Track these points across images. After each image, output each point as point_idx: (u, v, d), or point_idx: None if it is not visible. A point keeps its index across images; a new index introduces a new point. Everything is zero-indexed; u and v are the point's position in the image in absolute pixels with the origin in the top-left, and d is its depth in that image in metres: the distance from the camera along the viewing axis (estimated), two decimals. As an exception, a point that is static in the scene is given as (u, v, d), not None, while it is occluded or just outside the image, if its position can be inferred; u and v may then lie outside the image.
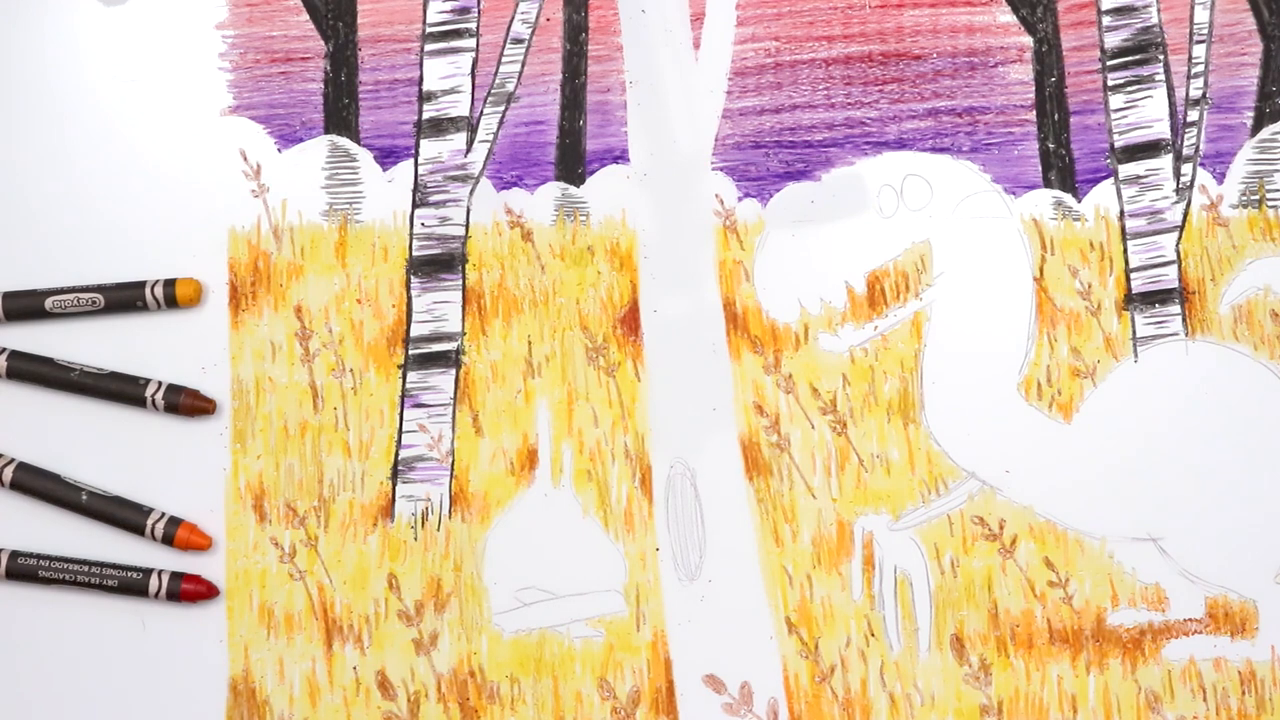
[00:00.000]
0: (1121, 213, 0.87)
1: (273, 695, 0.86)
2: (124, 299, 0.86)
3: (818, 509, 0.86)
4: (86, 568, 0.85)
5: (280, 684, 0.86)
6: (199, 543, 0.85)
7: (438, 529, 0.86)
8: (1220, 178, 0.87)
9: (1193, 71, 0.87)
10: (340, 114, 0.88)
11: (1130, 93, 0.87)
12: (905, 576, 0.86)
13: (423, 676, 0.86)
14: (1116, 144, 0.87)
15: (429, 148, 0.88)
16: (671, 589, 0.86)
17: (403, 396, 0.87)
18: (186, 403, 0.85)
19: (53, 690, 0.86)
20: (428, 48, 0.88)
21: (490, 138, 0.88)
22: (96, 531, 0.86)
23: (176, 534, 0.85)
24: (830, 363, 0.87)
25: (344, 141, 0.88)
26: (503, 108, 0.88)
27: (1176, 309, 0.87)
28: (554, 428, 0.87)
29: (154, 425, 0.86)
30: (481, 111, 0.88)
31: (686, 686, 0.86)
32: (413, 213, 0.88)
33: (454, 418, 0.87)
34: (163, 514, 0.85)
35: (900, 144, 0.87)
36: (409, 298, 0.87)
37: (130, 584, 0.85)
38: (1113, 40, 0.87)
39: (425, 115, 0.88)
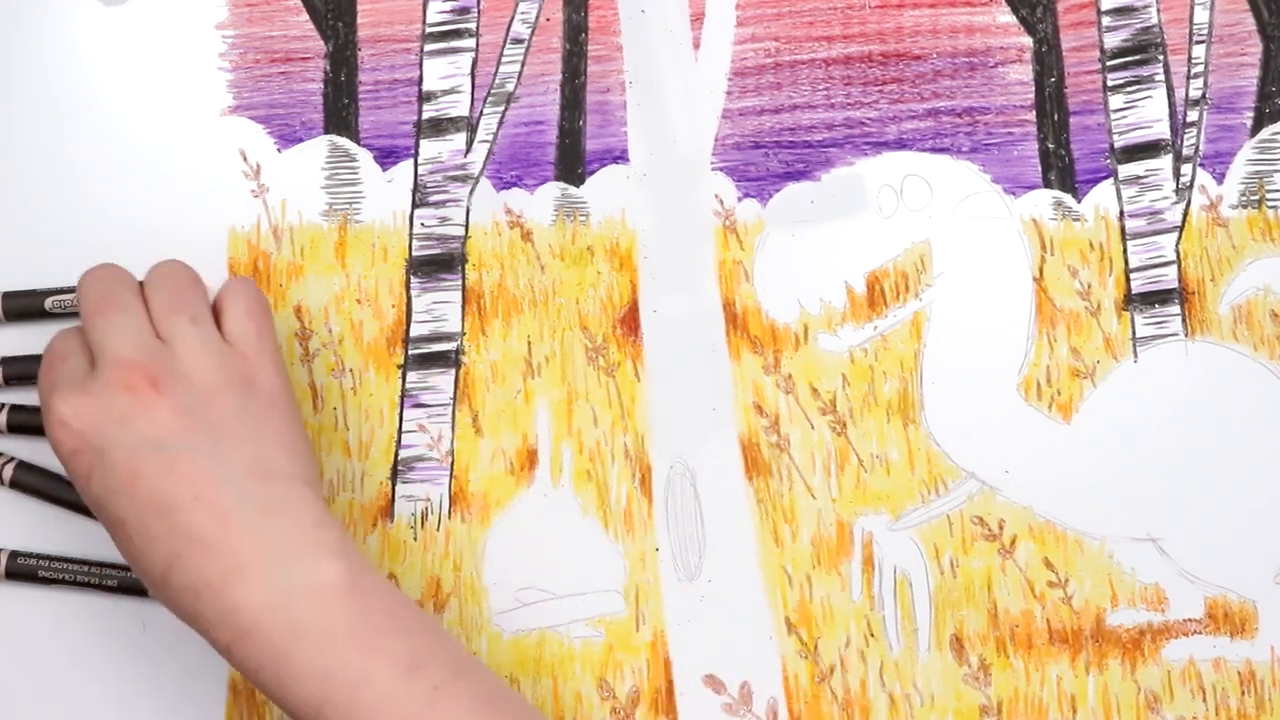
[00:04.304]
0: (1121, 213, 0.87)
1: (272, 695, 0.86)
2: (124, 299, 0.86)
3: (817, 509, 0.86)
4: (86, 568, 0.85)
5: (280, 684, 0.86)
6: (199, 543, 0.85)
7: (437, 529, 0.86)
8: (1220, 178, 0.87)
9: (1193, 71, 0.87)
10: (340, 114, 0.88)
11: (1130, 93, 0.87)
12: (905, 577, 0.86)
13: (422, 676, 0.86)
14: (1116, 144, 0.87)
15: (429, 148, 0.88)
16: (671, 589, 0.86)
17: (402, 396, 0.87)
18: None
19: (53, 690, 0.86)
20: (428, 48, 0.88)
21: (490, 138, 0.88)
22: (96, 531, 0.86)
23: (176, 534, 0.85)
24: (830, 363, 0.87)
25: (344, 141, 0.88)
26: (503, 108, 0.88)
27: (1176, 309, 0.87)
28: (554, 428, 0.87)
29: (154, 425, 0.86)
30: (481, 111, 0.88)
31: (686, 686, 0.86)
32: (412, 213, 0.88)
33: (454, 418, 0.87)
34: (163, 514, 0.85)
35: (900, 144, 0.87)
36: (409, 298, 0.87)
37: (130, 584, 0.85)
38: (1113, 40, 0.87)
39: (425, 115, 0.88)
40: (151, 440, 0.72)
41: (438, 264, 0.87)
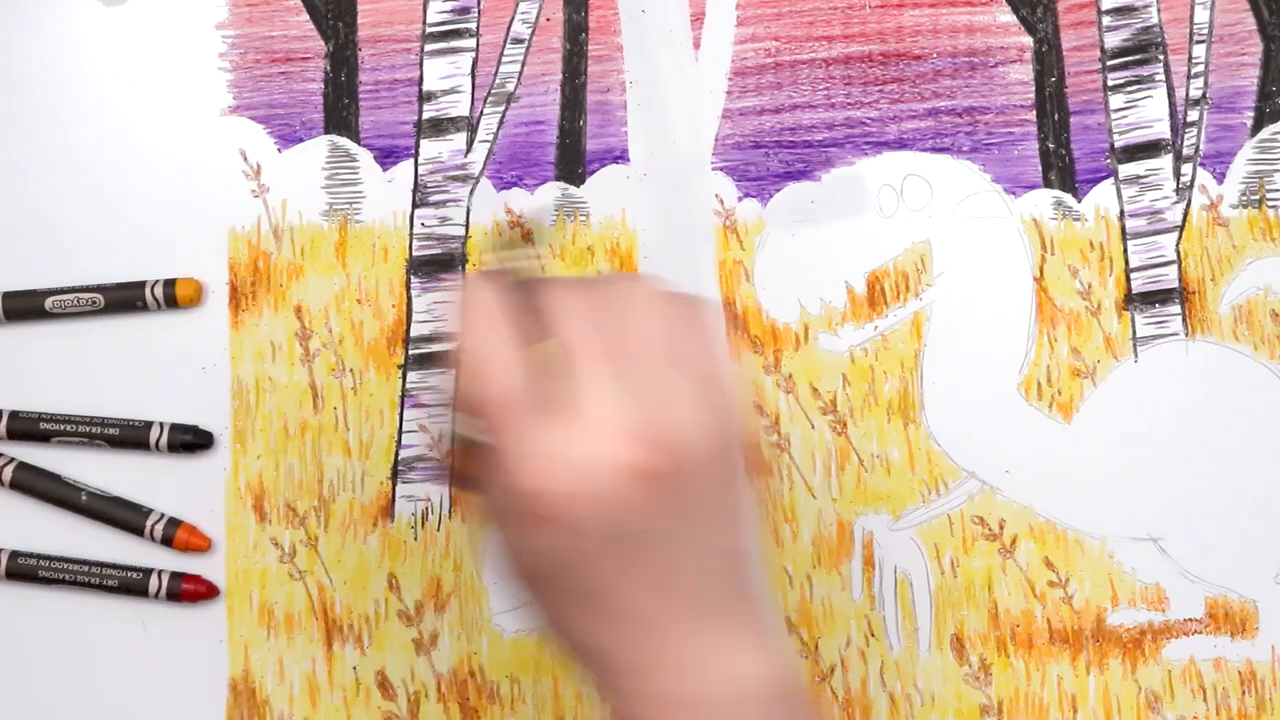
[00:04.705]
0: (1121, 213, 0.87)
1: (273, 695, 0.86)
2: (124, 299, 0.86)
3: (818, 509, 0.86)
4: (86, 568, 0.85)
5: (280, 684, 0.86)
6: (198, 544, 0.85)
7: (438, 529, 0.86)
8: (1220, 178, 0.87)
9: (1193, 71, 0.87)
10: (340, 114, 0.88)
11: (1130, 93, 0.87)
12: (905, 576, 0.86)
13: (423, 676, 0.86)
14: (1116, 144, 0.87)
15: (429, 148, 0.88)
16: (671, 589, 0.86)
17: (403, 396, 0.87)
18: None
19: (53, 690, 0.86)
20: (428, 48, 0.88)
21: (490, 138, 0.88)
22: (96, 531, 0.86)
23: (176, 535, 0.85)
24: (830, 363, 0.87)
25: (344, 141, 0.88)
26: (503, 108, 0.88)
27: (1176, 309, 0.87)
28: (554, 428, 0.86)
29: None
30: (481, 111, 0.88)
31: (686, 686, 0.85)
32: (413, 213, 0.88)
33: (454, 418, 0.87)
34: (162, 515, 0.85)
35: (900, 144, 0.87)
36: (409, 298, 0.87)
37: (130, 584, 0.85)
38: (1113, 40, 0.87)
39: (425, 115, 0.88)
40: (633, 517, 0.62)
41: (438, 264, 0.87)
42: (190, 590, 0.85)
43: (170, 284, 0.86)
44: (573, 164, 0.88)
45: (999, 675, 0.85)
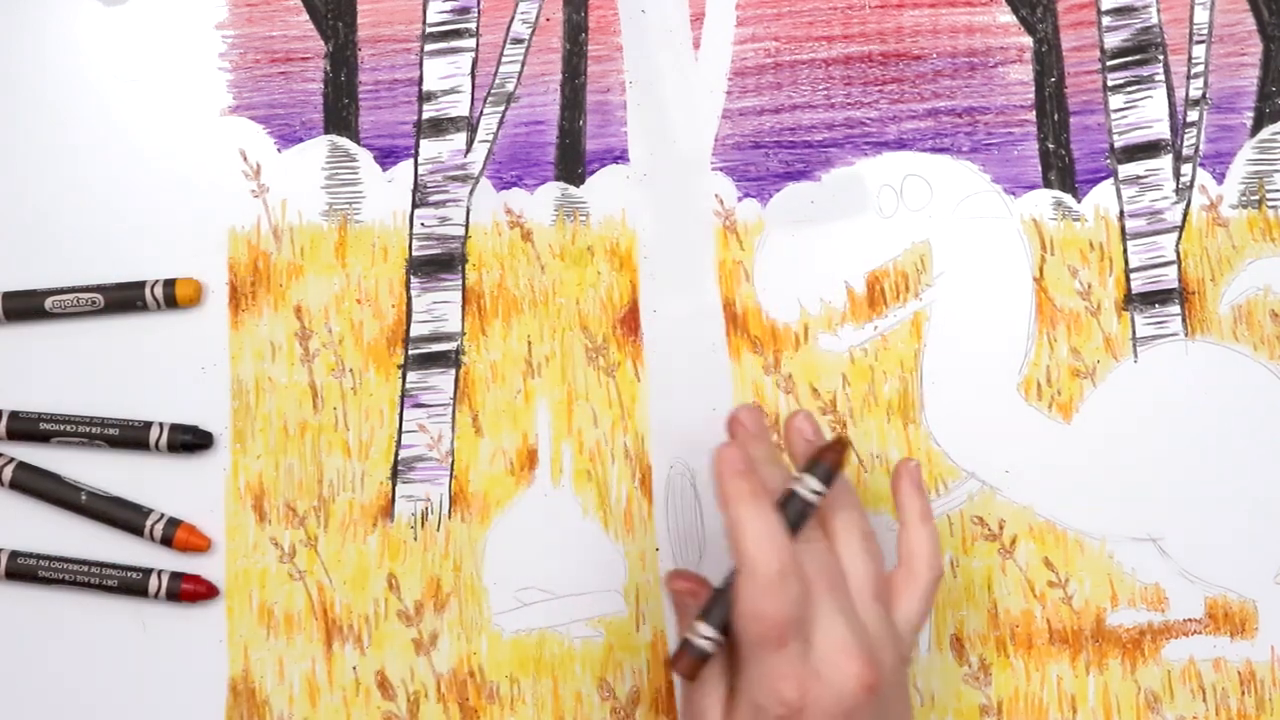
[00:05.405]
0: (1121, 213, 0.87)
1: (273, 695, 0.86)
2: (124, 299, 0.86)
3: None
4: (86, 568, 0.85)
5: (280, 684, 0.86)
6: (198, 544, 0.85)
7: (438, 529, 0.86)
8: (1220, 178, 0.87)
9: (1193, 71, 0.87)
10: (340, 114, 0.88)
11: (1130, 93, 0.87)
12: (905, 576, 0.86)
13: (422, 676, 0.86)
14: (1116, 144, 0.87)
15: (429, 148, 0.88)
16: (671, 589, 0.86)
17: (402, 396, 0.87)
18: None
19: (53, 690, 0.86)
20: (428, 48, 0.88)
21: (490, 138, 0.88)
22: (96, 531, 0.86)
23: (175, 535, 0.85)
24: (830, 363, 0.87)
25: (344, 141, 0.88)
26: (503, 108, 0.88)
27: (1176, 309, 0.87)
28: (554, 428, 0.87)
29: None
30: (481, 111, 0.88)
31: (686, 686, 0.86)
32: (412, 213, 0.88)
33: (454, 418, 0.87)
34: (161, 515, 0.85)
35: (900, 144, 0.87)
36: (409, 298, 0.87)
37: (130, 584, 0.85)
38: (1113, 40, 0.87)
39: (425, 115, 0.88)
40: None
41: (438, 264, 0.87)
42: (190, 590, 0.85)
43: (170, 284, 0.86)
44: (573, 164, 0.88)
45: (999, 675, 0.85)
